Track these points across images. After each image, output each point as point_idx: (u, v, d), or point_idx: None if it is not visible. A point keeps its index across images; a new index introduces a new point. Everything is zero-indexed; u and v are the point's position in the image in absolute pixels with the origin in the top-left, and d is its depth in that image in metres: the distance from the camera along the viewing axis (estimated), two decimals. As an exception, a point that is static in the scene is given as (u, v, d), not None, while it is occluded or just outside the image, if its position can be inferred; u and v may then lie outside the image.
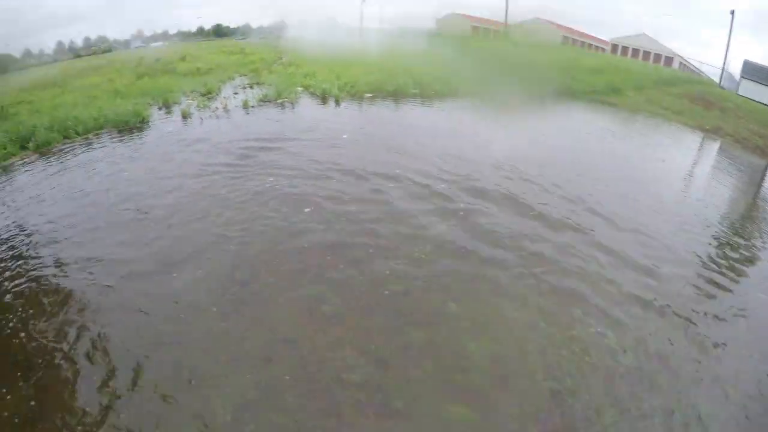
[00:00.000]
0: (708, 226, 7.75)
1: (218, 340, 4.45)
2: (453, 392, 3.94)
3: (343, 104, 13.33)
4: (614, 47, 36.90)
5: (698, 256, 6.55)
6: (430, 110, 13.45)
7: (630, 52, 35.46)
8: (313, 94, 14.08)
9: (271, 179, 7.92)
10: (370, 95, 14.05)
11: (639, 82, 21.24)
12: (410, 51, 19.99)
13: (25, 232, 6.81)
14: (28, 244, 6.41)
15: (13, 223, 7.09)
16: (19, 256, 6.12)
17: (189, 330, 4.59)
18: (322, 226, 6.40)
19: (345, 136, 10.42)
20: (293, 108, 13.08)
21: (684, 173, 11.24)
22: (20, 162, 10.36)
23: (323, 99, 13.62)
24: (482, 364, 4.24)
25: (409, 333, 4.55)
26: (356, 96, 13.91)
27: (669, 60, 33.92)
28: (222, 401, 3.78)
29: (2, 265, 5.93)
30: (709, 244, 7.07)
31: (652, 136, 14.66)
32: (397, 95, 14.39)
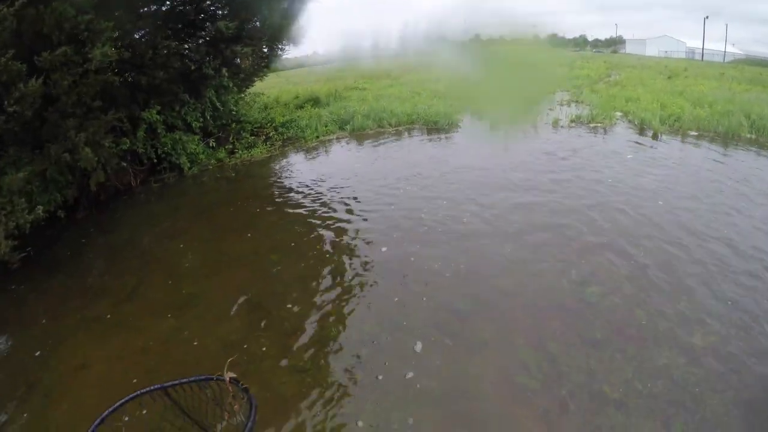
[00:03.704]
0: None
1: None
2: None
3: (661, 138, 13.01)
4: None
5: None
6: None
7: None
8: (631, 121, 14.20)
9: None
10: (695, 133, 13.22)
11: None
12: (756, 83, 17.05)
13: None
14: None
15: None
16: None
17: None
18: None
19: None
20: (604, 132, 13.60)
21: None
22: (335, 138, 14.61)
23: (640, 129, 13.61)
24: None
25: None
26: (679, 132, 13.32)
27: None
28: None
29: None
30: None
31: None
32: (726, 138, 13.09)
